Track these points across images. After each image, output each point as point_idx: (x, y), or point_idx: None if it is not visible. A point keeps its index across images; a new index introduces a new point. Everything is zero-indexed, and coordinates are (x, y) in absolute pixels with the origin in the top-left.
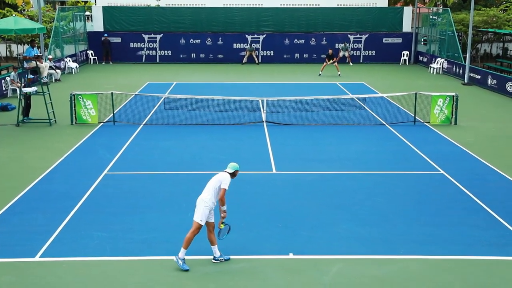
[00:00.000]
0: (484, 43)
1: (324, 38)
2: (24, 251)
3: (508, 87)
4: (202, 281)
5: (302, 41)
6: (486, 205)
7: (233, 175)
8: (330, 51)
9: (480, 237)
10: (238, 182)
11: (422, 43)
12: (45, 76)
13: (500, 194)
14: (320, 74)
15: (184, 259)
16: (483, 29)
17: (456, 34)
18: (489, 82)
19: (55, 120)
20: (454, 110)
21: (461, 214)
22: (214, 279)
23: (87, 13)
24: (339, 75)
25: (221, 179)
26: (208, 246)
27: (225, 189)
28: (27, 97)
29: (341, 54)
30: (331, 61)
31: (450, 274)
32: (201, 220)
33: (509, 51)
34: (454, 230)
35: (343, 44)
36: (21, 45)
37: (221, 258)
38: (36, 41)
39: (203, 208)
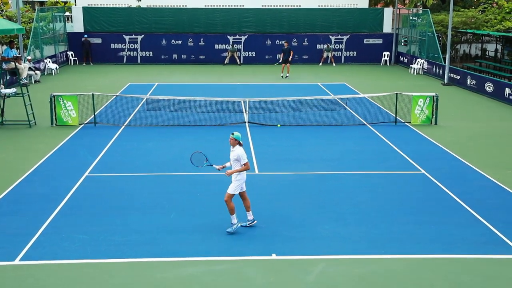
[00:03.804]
0: (463, 44)
1: (306, 39)
2: (4, 254)
3: (487, 87)
4: (185, 282)
5: (284, 42)
6: (466, 203)
7: (240, 144)
8: (286, 44)
9: (461, 236)
10: (220, 183)
11: (402, 43)
12: (24, 78)
13: (480, 192)
14: (284, 76)
15: (233, 224)
16: (462, 30)
17: (435, 35)
18: (468, 82)
19: (35, 122)
20: (434, 110)
21: (442, 213)
22: (198, 280)
23: (67, 13)
24: (284, 76)
25: (240, 155)
26: (192, 247)
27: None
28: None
29: (324, 55)
30: (283, 58)
31: (432, 273)
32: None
33: (487, 51)
34: (435, 229)
35: (326, 46)
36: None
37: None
38: (15, 42)
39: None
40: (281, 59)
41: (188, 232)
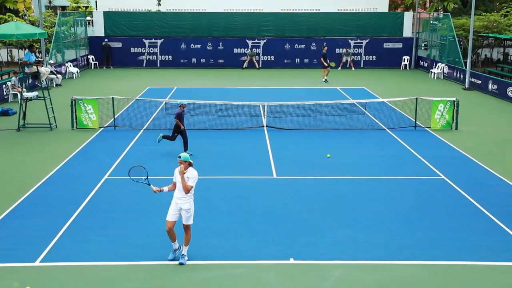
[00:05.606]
0: (485, 48)
1: (325, 43)
2: (25, 256)
3: (509, 92)
4: (202, 286)
5: (303, 46)
6: (487, 210)
7: (191, 164)
8: (324, 49)
9: (481, 242)
10: (239, 187)
11: (422, 48)
12: (42, 81)
13: (501, 199)
14: (327, 81)
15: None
16: (484, 34)
17: (456, 39)
18: (490, 87)
19: (56, 125)
20: (455, 115)
21: (462, 219)
22: (215, 284)
23: (88, 18)
24: (325, 80)
25: (195, 177)
26: (209, 250)
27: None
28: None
29: (344, 59)
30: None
31: (450, 280)
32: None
33: (509, 56)
34: (454, 235)
35: (344, 50)
36: (22, 50)
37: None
38: (37, 46)
39: None
40: (326, 65)
41: (205, 236)
